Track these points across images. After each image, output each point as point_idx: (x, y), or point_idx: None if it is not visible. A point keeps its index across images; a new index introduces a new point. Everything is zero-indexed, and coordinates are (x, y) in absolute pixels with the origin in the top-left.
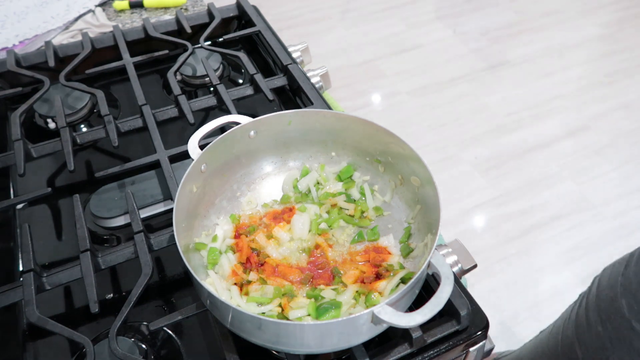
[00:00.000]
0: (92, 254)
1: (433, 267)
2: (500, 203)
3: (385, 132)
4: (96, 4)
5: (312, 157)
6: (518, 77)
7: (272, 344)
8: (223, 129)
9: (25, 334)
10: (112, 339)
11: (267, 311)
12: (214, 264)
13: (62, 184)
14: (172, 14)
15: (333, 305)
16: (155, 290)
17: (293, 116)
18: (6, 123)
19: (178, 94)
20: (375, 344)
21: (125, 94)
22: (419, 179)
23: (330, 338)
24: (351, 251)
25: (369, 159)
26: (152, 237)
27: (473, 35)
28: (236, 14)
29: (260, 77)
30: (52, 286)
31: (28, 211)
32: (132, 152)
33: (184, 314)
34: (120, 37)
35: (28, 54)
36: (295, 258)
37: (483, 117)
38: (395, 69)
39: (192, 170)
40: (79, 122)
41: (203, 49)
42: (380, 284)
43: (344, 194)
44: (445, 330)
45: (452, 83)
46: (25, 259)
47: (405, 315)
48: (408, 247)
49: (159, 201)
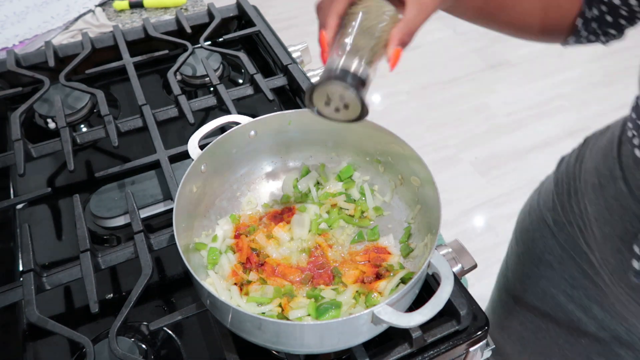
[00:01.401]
0: (92, 254)
1: (433, 267)
2: (500, 203)
3: (385, 132)
4: (96, 4)
5: (312, 157)
6: (518, 77)
7: (272, 344)
8: (223, 129)
9: (25, 334)
10: (112, 339)
11: (267, 311)
12: (214, 264)
13: (62, 184)
14: (172, 14)
15: (333, 305)
16: (155, 290)
17: (293, 116)
18: (6, 123)
19: (178, 94)
20: (375, 344)
21: (125, 94)
22: (419, 179)
23: (330, 338)
24: (351, 251)
25: (369, 159)
26: (152, 237)
27: (473, 35)
28: (236, 14)
29: (260, 77)
30: (52, 286)
31: (28, 211)
32: (132, 152)
33: (184, 314)
34: (120, 37)
35: (28, 54)
36: (295, 258)
37: (483, 117)
38: (395, 69)
39: (192, 170)
40: (79, 122)
41: (203, 49)
42: (380, 284)
43: (344, 194)
44: (445, 330)
45: (452, 83)
46: (25, 259)
47: (405, 315)
48: (408, 247)
49: (159, 201)
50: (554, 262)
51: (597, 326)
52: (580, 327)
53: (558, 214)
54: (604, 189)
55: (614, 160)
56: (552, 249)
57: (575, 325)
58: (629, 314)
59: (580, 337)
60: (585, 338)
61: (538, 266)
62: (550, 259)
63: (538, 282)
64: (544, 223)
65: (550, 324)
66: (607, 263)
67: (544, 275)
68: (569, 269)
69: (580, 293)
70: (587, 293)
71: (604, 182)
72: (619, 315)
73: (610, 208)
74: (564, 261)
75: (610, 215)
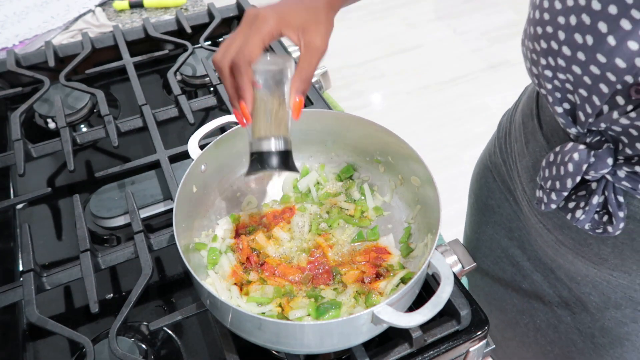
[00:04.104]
0: (92, 254)
1: (433, 267)
2: None
3: (385, 132)
4: (96, 4)
5: (312, 157)
6: (518, 77)
7: (272, 344)
8: (223, 129)
9: (25, 334)
10: (112, 339)
11: (267, 311)
12: (214, 264)
13: (62, 184)
14: (172, 14)
15: (333, 305)
16: (155, 290)
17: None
18: (6, 123)
19: (178, 94)
20: (375, 344)
21: (125, 94)
22: (419, 179)
23: (330, 338)
24: (351, 251)
25: (369, 159)
26: (152, 237)
27: (473, 35)
28: (236, 14)
29: None
30: (52, 286)
31: (28, 211)
32: (132, 152)
33: (184, 314)
34: (120, 37)
35: (28, 54)
36: (295, 258)
37: (483, 117)
38: (395, 69)
39: (192, 170)
40: (79, 122)
41: (203, 49)
42: (380, 284)
43: (344, 194)
44: (445, 330)
45: (452, 83)
46: (25, 259)
47: (405, 315)
48: (408, 247)
49: (159, 201)
50: (494, 206)
51: (531, 267)
52: (520, 271)
53: (497, 156)
54: (525, 127)
55: (534, 100)
56: (493, 192)
57: (516, 270)
58: (545, 245)
59: (521, 283)
60: (524, 282)
61: (484, 213)
62: (492, 204)
63: (486, 230)
64: (487, 168)
65: (499, 272)
66: (525, 195)
67: (489, 220)
68: (506, 210)
69: (516, 235)
70: (521, 234)
71: (526, 120)
72: (542, 252)
73: (527, 142)
74: (502, 203)
75: (527, 149)
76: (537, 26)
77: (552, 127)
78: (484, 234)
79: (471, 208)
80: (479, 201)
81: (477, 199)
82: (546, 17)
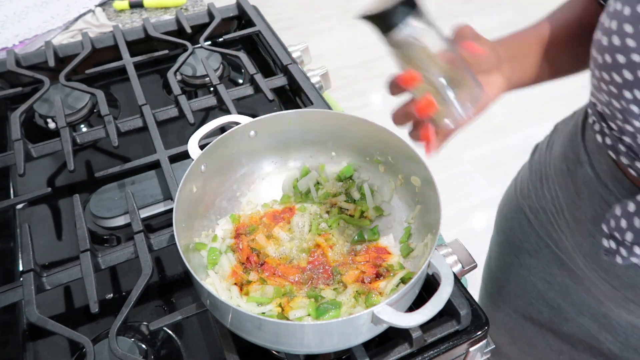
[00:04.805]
0: (92, 254)
1: (433, 267)
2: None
3: (385, 132)
4: (96, 4)
5: (312, 157)
6: None
7: (272, 344)
8: (223, 129)
9: (25, 334)
10: (112, 339)
11: (267, 311)
12: (214, 264)
13: (62, 184)
14: (172, 14)
15: (333, 305)
16: (155, 290)
17: (293, 116)
18: (6, 123)
19: (178, 94)
20: (375, 344)
21: (125, 94)
22: (419, 179)
23: (330, 338)
24: (351, 251)
25: (369, 159)
26: (152, 237)
27: None
28: (236, 14)
29: (260, 77)
30: (52, 286)
31: (28, 211)
32: (132, 152)
33: (184, 314)
34: (120, 37)
35: (28, 54)
36: (295, 258)
37: (483, 117)
38: (395, 69)
39: (192, 170)
40: (79, 122)
41: (203, 49)
42: (380, 284)
43: (344, 194)
44: (445, 330)
45: None
46: (25, 259)
47: (405, 315)
48: (408, 247)
49: (159, 201)
50: (531, 250)
51: (576, 312)
52: (561, 314)
53: (533, 201)
54: (572, 174)
55: (580, 146)
56: (529, 236)
57: (555, 312)
58: (604, 297)
59: (561, 325)
60: (566, 325)
61: (518, 255)
62: (528, 247)
63: (519, 271)
64: (521, 211)
65: (533, 313)
66: (580, 247)
67: (523, 263)
68: (545, 256)
69: (558, 280)
70: (564, 280)
71: (572, 167)
72: (595, 299)
73: (579, 193)
74: (541, 249)
75: (580, 199)
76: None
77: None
78: (517, 276)
79: (499, 246)
80: (510, 242)
81: (508, 240)
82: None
